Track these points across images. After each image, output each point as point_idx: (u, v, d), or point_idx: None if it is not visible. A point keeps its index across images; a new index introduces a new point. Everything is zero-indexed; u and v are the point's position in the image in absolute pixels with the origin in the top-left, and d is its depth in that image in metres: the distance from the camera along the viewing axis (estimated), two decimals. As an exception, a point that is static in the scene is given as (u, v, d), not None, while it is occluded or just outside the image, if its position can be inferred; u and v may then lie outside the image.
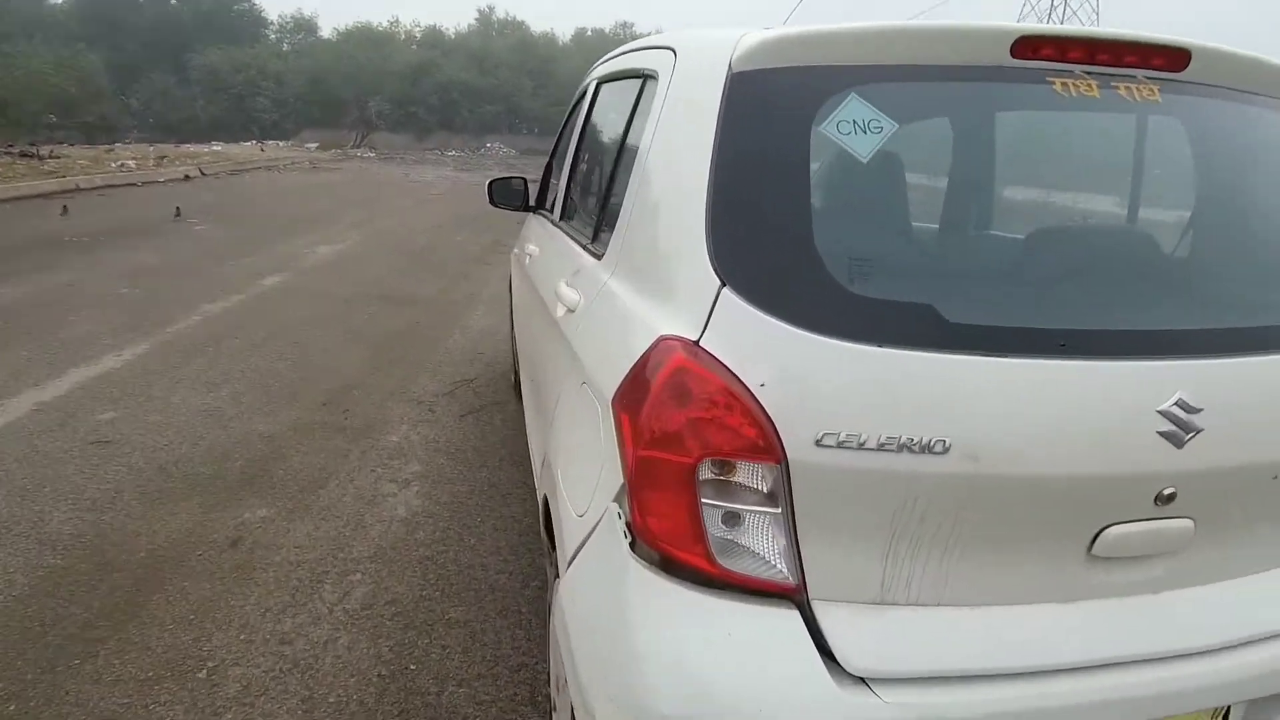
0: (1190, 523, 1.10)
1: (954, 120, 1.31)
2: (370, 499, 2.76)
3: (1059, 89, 1.12)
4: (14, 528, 2.44)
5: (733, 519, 1.04)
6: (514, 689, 1.86)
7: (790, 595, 1.05)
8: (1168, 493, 1.06)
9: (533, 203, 3.07)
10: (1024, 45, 1.09)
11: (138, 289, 5.66)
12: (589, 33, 47.11)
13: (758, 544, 1.04)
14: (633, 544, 1.07)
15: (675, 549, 1.03)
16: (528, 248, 2.77)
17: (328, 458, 3.07)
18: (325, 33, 43.47)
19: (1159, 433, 1.03)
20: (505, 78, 37.57)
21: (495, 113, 37.17)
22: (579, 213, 2.15)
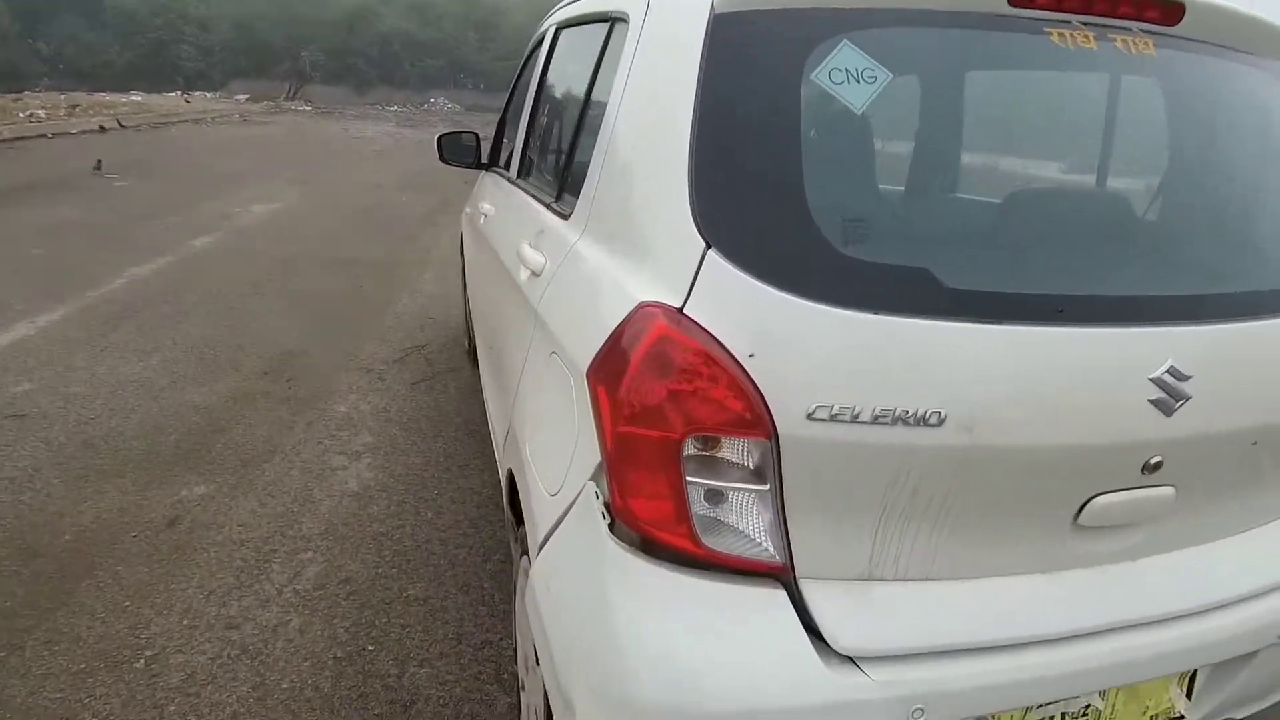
0: (1172, 490, 1.09)
1: (950, 72, 1.25)
2: (319, 473, 2.63)
3: (1056, 40, 1.06)
4: (-80, 512, 2.24)
5: (717, 497, 0.99)
6: (478, 667, 1.80)
7: (777, 574, 1.00)
8: (1155, 461, 1.04)
9: (485, 160, 2.91)
10: None
11: (55, 250, 5.25)
12: (538, -17, 45.33)
13: (744, 522, 0.99)
14: (611, 525, 1.00)
15: (658, 530, 0.97)
16: (482, 207, 2.63)
17: (271, 430, 2.92)
18: (253, -26, 40.72)
19: (1150, 400, 1.01)
20: (450, 29, 35.98)
21: (439, 67, 35.68)
22: (540, 169, 2.03)
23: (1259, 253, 1.17)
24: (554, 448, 1.17)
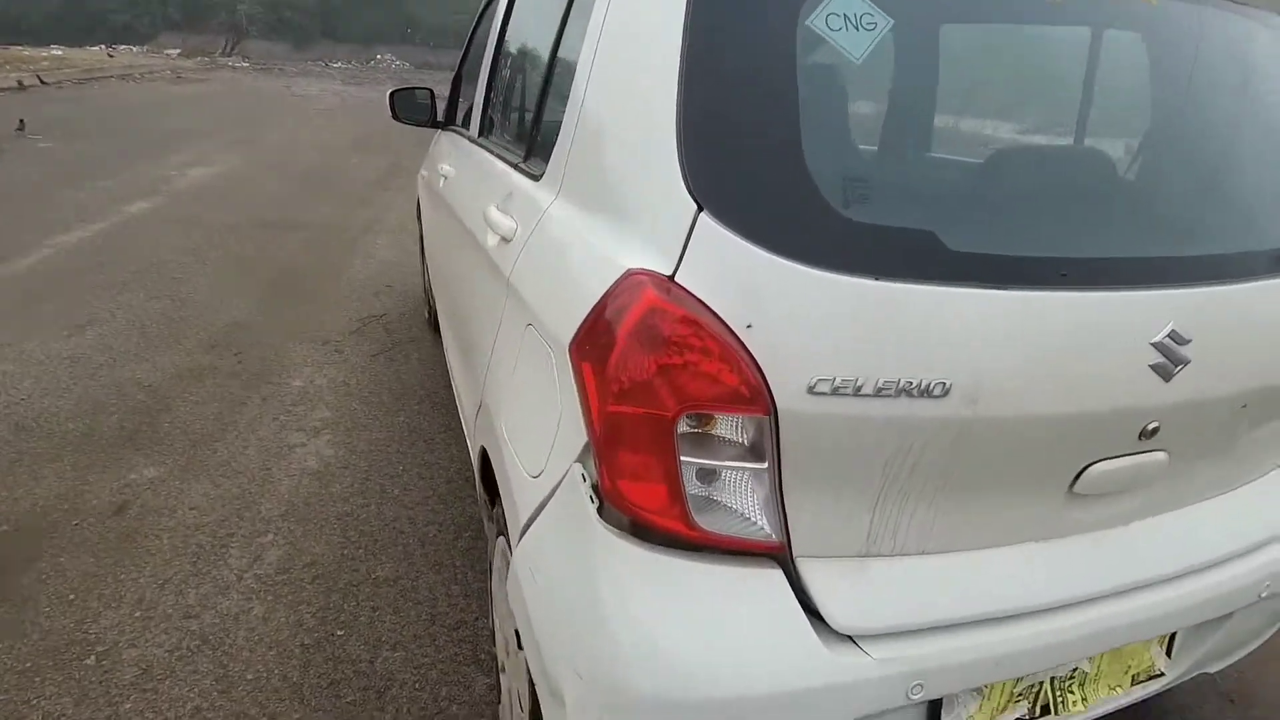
0: (1165, 455, 1.08)
1: (950, 21, 1.18)
2: (276, 451, 2.51)
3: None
4: None
5: (711, 476, 0.93)
6: (454, 648, 1.75)
7: (773, 554, 0.96)
8: (1152, 427, 1.03)
9: (442, 118, 2.76)
10: None
11: (-29, 217, 4.89)
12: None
13: (739, 502, 0.94)
14: (600, 509, 0.94)
15: (651, 513, 0.91)
16: (441, 168, 2.49)
17: (222, 407, 2.77)
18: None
19: (1150, 365, 0.98)
20: (395, -19, 34.35)
21: (385, 21, 34.13)
22: (504, 126, 1.91)
23: (1258, 212, 1.14)
24: (534, 426, 1.10)
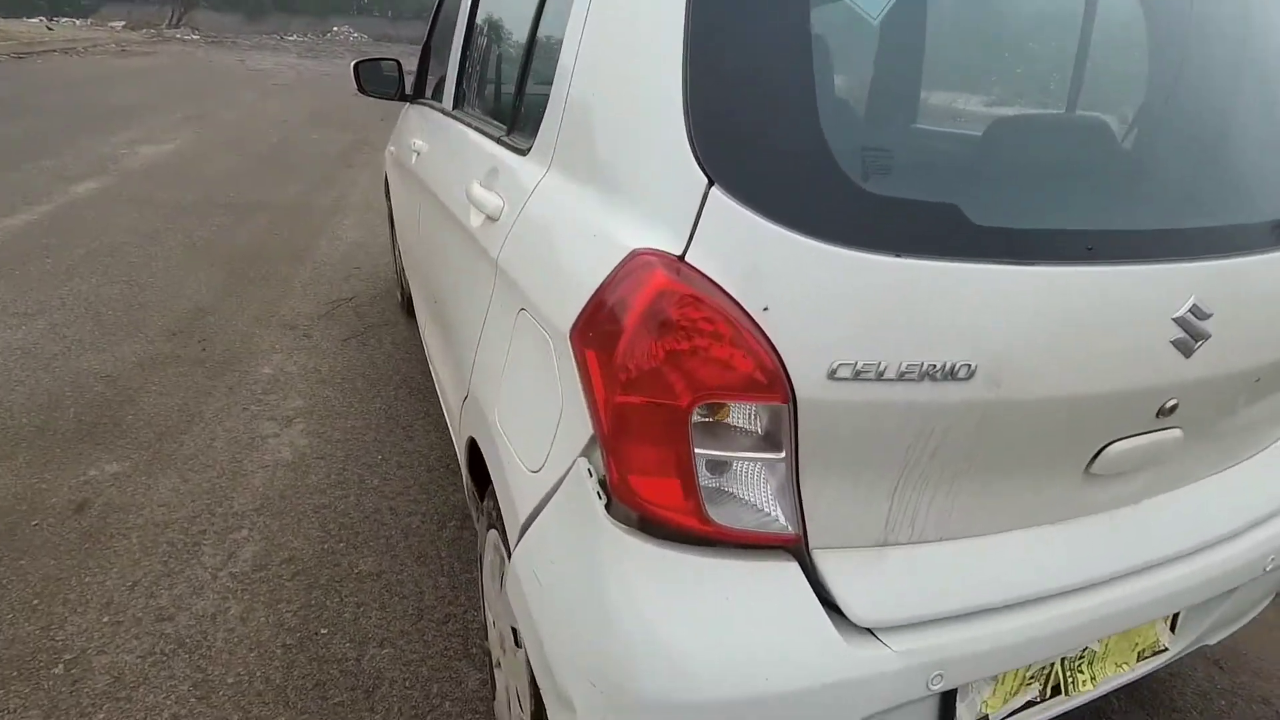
0: (1180, 432, 1.06)
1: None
2: (247, 442, 2.40)
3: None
4: None
5: (724, 467, 0.88)
6: (444, 643, 1.69)
7: (788, 547, 0.92)
8: (1170, 405, 1.00)
9: (410, 90, 2.64)
10: None
11: (-96, 200, 4.60)
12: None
13: (754, 494, 0.89)
14: (608, 505, 0.89)
15: (663, 509, 0.86)
16: (413, 143, 2.38)
17: (187, 397, 2.65)
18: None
19: (1171, 341, 0.95)
20: (351, -52, 33.18)
21: (341, -10, 33.03)
22: (482, 99, 1.81)
23: (1277, 180, 1.11)
24: (532, 417, 1.04)
